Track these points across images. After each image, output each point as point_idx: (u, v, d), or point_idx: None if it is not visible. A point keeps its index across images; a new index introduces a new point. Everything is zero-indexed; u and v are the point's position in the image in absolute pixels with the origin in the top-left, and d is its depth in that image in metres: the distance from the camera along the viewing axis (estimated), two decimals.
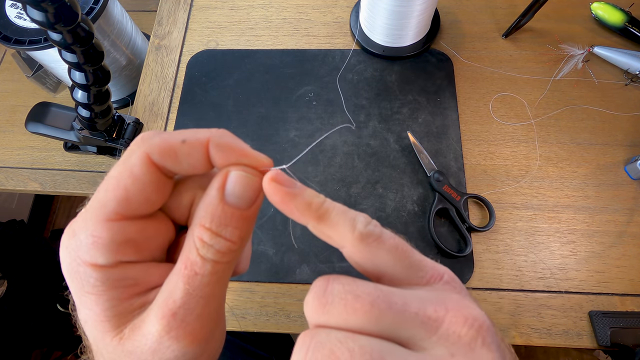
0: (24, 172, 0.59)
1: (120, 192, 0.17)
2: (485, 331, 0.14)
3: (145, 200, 0.17)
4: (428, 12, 0.47)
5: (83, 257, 0.17)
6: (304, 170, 0.46)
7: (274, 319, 0.41)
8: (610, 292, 0.40)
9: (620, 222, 0.43)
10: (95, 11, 0.49)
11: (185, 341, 0.17)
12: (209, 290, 0.17)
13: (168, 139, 0.17)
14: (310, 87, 0.51)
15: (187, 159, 0.17)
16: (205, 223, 0.17)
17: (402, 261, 0.17)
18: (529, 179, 0.45)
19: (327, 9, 0.56)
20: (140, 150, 0.17)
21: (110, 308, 0.17)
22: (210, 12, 0.57)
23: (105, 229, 0.17)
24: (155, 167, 0.17)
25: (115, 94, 0.63)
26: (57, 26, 0.32)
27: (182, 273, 0.17)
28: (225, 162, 0.18)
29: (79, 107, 0.42)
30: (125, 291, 0.17)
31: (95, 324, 0.17)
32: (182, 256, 0.17)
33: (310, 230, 0.18)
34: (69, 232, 0.17)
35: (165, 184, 0.18)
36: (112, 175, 0.17)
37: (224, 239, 0.17)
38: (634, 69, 0.48)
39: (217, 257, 0.17)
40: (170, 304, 0.17)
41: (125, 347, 0.17)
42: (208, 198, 0.17)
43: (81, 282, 0.17)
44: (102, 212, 0.17)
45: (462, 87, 0.50)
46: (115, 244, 0.17)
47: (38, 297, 1.01)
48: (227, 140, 0.18)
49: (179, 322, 0.16)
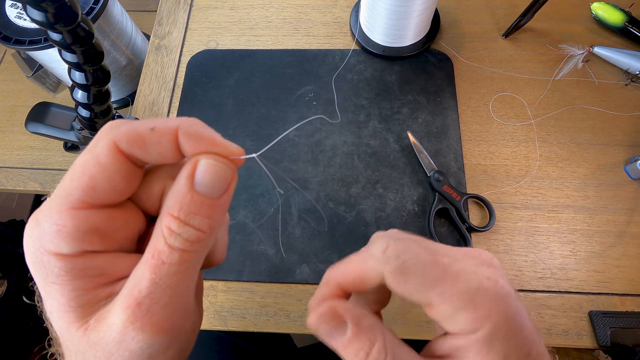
0: (24, 172, 0.59)
1: (85, 181, 0.16)
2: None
3: (112, 189, 0.17)
4: (428, 12, 0.47)
5: (47, 246, 0.16)
6: (304, 170, 0.46)
7: (274, 319, 0.41)
8: (610, 292, 0.40)
9: (620, 222, 0.43)
10: (95, 11, 0.49)
11: (151, 332, 0.16)
12: (177, 280, 0.17)
13: (136, 127, 0.17)
14: (310, 87, 0.51)
15: (156, 147, 0.17)
16: (173, 212, 0.17)
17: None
18: (529, 179, 0.45)
19: (327, 9, 0.56)
20: (107, 138, 0.17)
21: (75, 298, 0.17)
22: (210, 12, 0.57)
23: (69, 218, 0.16)
24: (123, 156, 0.17)
25: (115, 94, 0.63)
26: (57, 26, 0.32)
27: (149, 262, 0.16)
28: (195, 151, 0.17)
29: (79, 107, 0.42)
30: (90, 281, 0.17)
31: (61, 315, 0.17)
32: (150, 245, 0.17)
33: (309, 232, 0.19)
34: (32, 221, 0.17)
35: (134, 173, 0.18)
36: (78, 163, 0.17)
37: (192, 227, 0.17)
38: (634, 69, 0.48)
39: (186, 246, 0.17)
40: (136, 293, 0.16)
41: (90, 338, 0.17)
42: (177, 186, 0.17)
43: (45, 271, 0.16)
44: (67, 201, 0.16)
45: (462, 87, 0.50)
46: (80, 233, 0.16)
47: None
48: (196, 129, 0.17)
49: (144, 312, 0.16)
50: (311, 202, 0.44)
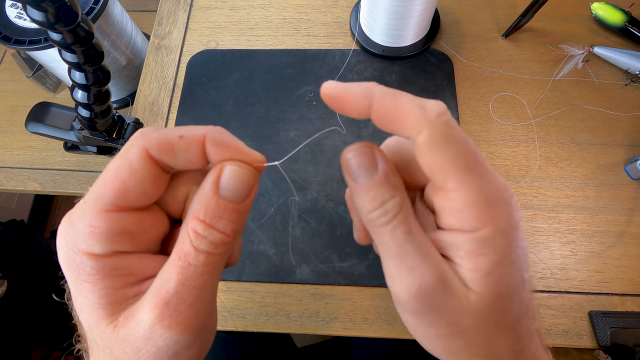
0: (24, 172, 0.59)
1: (118, 185, 0.17)
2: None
3: (142, 193, 0.18)
4: (428, 12, 0.47)
5: (80, 246, 0.17)
6: (304, 170, 0.46)
7: (274, 319, 0.41)
8: (610, 292, 0.40)
9: (620, 222, 0.43)
10: (95, 11, 0.49)
11: (178, 329, 0.17)
12: (202, 281, 0.17)
13: (166, 134, 0.18)
14: (310, 87, 0.51)
15: (184, 154, 0.18)
16: (199, 215, 0.17)
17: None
18: (529, 179, 0.45)
19: (327, 9, 0.56)
20: (139, 145, 0.18)
21: (106, 296, 0.17)
22: (210, 12, 0.57)
23: (102, 219, 0.17)
24: (153, 161, 0.18)
25: (115, 94, 0.63)
26: (57, 26, 0.32)
27: (176, 264, 0.17)
28: (220, 158, 0.18)
29: (79, 107, 0.42)
30: (120, 280, 0.18)
31: (91, 312, 0.18)
32: (177, 247, 0.18)
33: (309, 232, 0.19)
34: (66, 222, 0.18)
35: (162, 178, 0.19)
36: (111, 168, 0.18)
37: (217, 231, 0.18)
38: (634, 69, 0.48)
39: (211, 248, 0.17)
40: (164, 293, 0.17)
41: (119, 334, 0.17)
42: (203, 191, 0.18)
43: (78, 270, 0.17)
44: (100, 203, 0.17)
45: (462, 87, 0.50)
46: (112, 234, 0.17)
47: (38, 297, 1.01)
48: (222, 137, 0.18)
49: (171, 310, 0.17)
50: (312, 202, 0.44)
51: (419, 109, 0.17)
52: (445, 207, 0.18)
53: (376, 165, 0.19)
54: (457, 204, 0.17)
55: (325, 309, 0.41)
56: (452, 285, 0.18)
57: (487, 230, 0.17)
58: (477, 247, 0.17)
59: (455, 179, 0.17)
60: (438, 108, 0.17)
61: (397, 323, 0.40)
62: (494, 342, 0.19)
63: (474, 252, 0.18)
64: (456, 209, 0.18)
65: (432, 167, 0.17)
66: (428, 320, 0.19)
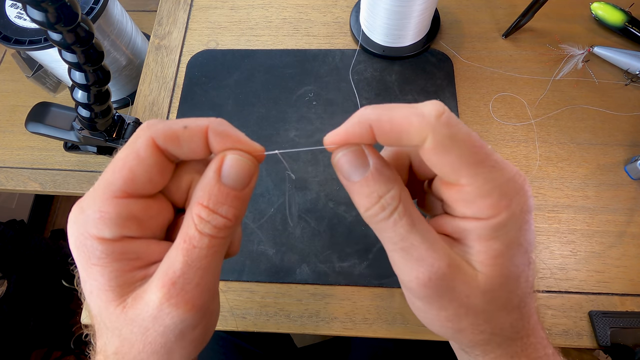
0: (24, 172, 0.59)
1: (126, 172, 0.18)
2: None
3: (149, 181, 0.19)
4: (428, 12, 0.47)
5: (90, 231, 0.18)
6: (304, 170, 0.46)
7: (274, 319, 0.41)
8: (610, 292, 0.40)
9: (620, 222, 0.43)
10: (95, 11, 0.49)
11: (185, 308, 0.18)
12: (206, 262, 0.18)
13: (172, 125, 0.19)
14: (310, 87, 0.51)
15: (188, 143, 0.19)
16: (203, 201, 0.18)
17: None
18: (529, 179, 0.45)
19: (327, 9, 0.56)
20: (146, 135, 0.19)
21: (114, 278, 0.18)
22: (210, 12, 0.57)
23: (111, 205, 0.18)
24: (159, 151, 0.19)
25: (115, 94, 0.63)
26: (57, 26, 0.32)
27: (182, 247, 0.18)
28: (222, 148, 0.19)
29: (79, 107, 0.42)
30: (128, 264, 0.19)
31: (100, 294, 0.19)
32: (182, 232, 0.19)
33: (309, 232, 0.19)
34: (77, 209, 0.19)
35: (167, 167, 0.20)
36: (120, 157, 0.19)
37: (220, 215, 0.18)
38: (634, 69, 0.48)
39: (214, 232, 0.18)
40: (171, 273, 0.18)
41: (127, 315, 0.18)
42: (206, 179, 0.19)
43: (88, 254, 0.18)
44: (109, 190, 0.18)
45: (462, 87, 0.50)
46: (121, 219, 0.18)
47: (38, 297, 1.01)
48: (224, 127, 0.19)
49: (178, 290, 0.18)
50: (312, 202, 0.44)
51: (417, 118, 0.17)
52: (458, 199, 0.19)
53: (367, 161, 0.19)
54: (471, 196, 0.18)
55: (325, 309, 0.41)
56: (461, 269, 0.19)
57: (501, 217, 0.18)
58: (490, 233, 0.18)
59: (467, 174, 0.18)
60: (436, 110, 0.18)
61: (397, 323, 0.40)
62: (500, 319, 0.19)
63: (487, 237, 0.18)
64: (470, 200, 0.18)
65: (442, 167, 0.18)
66: (439, 305, 0.19)
